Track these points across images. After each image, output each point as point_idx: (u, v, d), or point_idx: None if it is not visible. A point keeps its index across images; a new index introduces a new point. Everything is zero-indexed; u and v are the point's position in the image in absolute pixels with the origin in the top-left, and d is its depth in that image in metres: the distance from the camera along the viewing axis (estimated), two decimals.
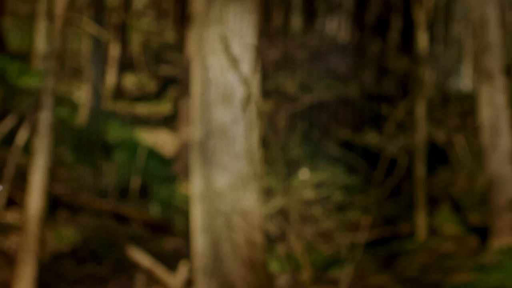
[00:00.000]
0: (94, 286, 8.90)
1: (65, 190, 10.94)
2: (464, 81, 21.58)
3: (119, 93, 18.82)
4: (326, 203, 13.31)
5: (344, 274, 8.51)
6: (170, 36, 23.68)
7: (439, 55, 21.66)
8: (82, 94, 16.06)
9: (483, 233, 11.28)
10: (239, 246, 6.03)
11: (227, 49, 6.02)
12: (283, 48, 21.98)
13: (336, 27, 25.64)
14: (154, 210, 11.61)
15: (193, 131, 6.28)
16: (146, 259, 8.83)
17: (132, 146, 13.94)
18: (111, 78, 18.61)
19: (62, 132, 12.11)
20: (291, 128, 16.41)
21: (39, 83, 8.36)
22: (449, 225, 12.47)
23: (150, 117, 18.01)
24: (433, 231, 12.18)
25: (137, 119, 17.23)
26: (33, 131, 8.11)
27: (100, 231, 10.06)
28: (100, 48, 15.52)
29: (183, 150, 13.73)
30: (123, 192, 11.58)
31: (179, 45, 19.24)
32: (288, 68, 20.03)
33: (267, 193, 10.08)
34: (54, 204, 9.83)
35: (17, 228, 8.88)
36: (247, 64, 6.11)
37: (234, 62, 6.02)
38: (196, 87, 6.20)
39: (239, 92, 6.08)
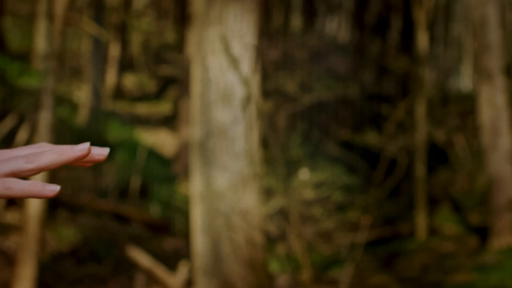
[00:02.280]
0: (94, 286, 8.90)
1: (65, 190, 10.94)
2: (464, 81, 21.58)
3: (119, 93, 18.83)
4: (326, 203, 13.31)
5: (344, 274, 8.51)
6: (170, 36, 23.68)
7: (439, 55, 21.67)
8: (82, 94, 16.06)
9: (483, 233, 11.27)
10: (239, 246, 6.03)
11: (227, 49, 6.02)
12: (283, 48, 21.98)
13: (336, 27, 25.63)
14: (154, 210, 11.60)
15: (193, 131, 6.28)
16: (146, 259, 8.83)
17: (132, 146, 13.94)
18: (111, 78, 18.61)
19: (62, 132, 12.11)
20: (291, 128, 16.41)
21: (39, 83, 8.37)
22: (449, 225, 12.47)
23: (150, 117, 18.00)
24: (433, 231, 12.18)
25: (137, 119, 17.23)
26: (33, 131, 8.11)
27: (100, 231, 10.06)
28: (100, 48, 15.52)
29: (183, 150, 13.72)
30: (123, 192, 11.58)
31: (179, 45, 19.24)
32: (288, 68, 20.02)
33: (267, 193, 10.08)
34: (54, 204, 9.83)
35: (17, 228, 8.88)
36: (247, 64, 6.11)
37: (234, 62, 6.02)
38: (196, 87, 6.20)
39: (239, 92, 6.08)
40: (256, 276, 6.06)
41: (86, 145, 0.92)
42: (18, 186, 0.87)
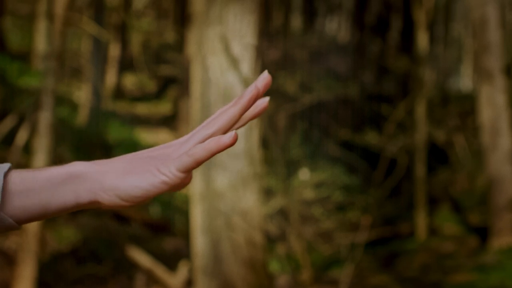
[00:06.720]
0: (94, 286, 8.90)
1: None
2: (464, 81, 21.58)
3: (119, 93, 18.83)
4: (326, 203, 13.31)
5: (344, 274, 8.51)
6: (170, 36, 23.68)
7: (439, 55, 21.67)
8: (82, 94, 16.06)
9: (483, 233, 11.28)
10: (239, 246, 6.03)
11: (227, 49, 6.02)
12: (283, 48, 21.97)
13: (336, 27, 25.64)
14: (154, 210, 11.61)
15: None
16: (146, 259, 8.83)
17: (132, 146, 13.93)
18: (111, 78, 18.61)
19: (62, 132, 12.11)
20: (291, 128, 16.41)
21: (39, 83, 8.36)
22: (449, 225, 12.47)
23: (150, 117, 18.01)
24: (433, 231, 12.19)
25: (137, 119, 17.23)
26: (33, 131, 8.11)
27: (100, 231, 10.06)
28: (100, 48, 15.52)
29: None
30: None
31: (179, 45, 19.24)
32: (288, 68, 20.02)
33: (267, 193, 10.07)
34: None
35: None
36: (247, 64, 6.11)
37: (234, 62, 6.02)
38: (196, 87, 6.20)
39: (239, 92, 6.08)
40: (256, 276, 6.06)
41: (250, 89, 1.05)
42: (199, 149, 0.96)
